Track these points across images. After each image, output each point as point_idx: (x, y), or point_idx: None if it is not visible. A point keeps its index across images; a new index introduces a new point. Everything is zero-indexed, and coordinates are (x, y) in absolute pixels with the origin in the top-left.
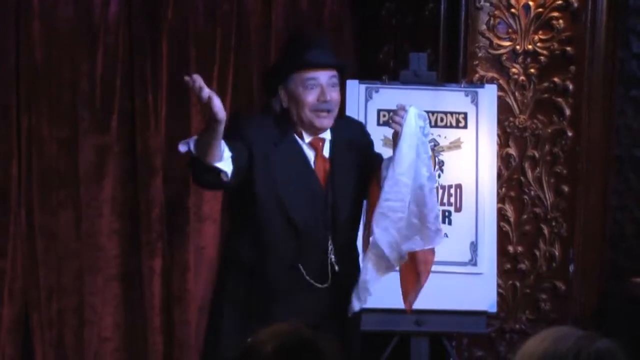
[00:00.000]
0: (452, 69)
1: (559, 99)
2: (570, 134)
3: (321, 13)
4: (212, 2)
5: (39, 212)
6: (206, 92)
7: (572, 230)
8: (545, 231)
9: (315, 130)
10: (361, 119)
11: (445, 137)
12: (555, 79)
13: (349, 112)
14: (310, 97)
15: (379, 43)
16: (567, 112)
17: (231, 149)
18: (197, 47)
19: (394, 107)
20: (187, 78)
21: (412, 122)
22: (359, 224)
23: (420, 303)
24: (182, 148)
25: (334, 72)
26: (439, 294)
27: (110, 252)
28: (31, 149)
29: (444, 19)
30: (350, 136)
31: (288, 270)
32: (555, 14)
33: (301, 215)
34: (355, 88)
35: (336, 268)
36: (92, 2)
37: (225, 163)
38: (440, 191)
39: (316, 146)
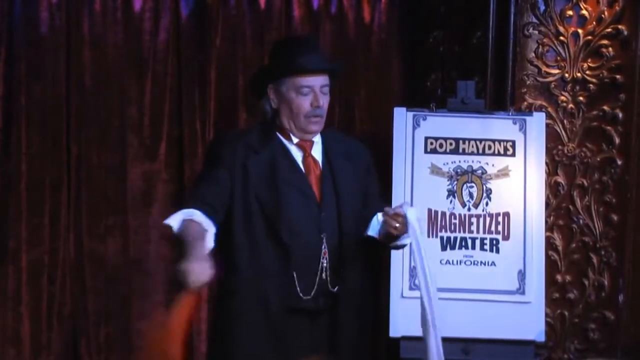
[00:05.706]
0: (500, 97)
1: (609, 127)
2: (619, 162)
3: (368, 41)
4: (260, 29)
5: (87, 238)
6: None
7: (622, 260)
8: (594, 260)
9: (305, 134)
10: (408, 147)
11: (493, 165)
12: (605, 107)
13: (397, 139)
14: (305, 104)
15: (426, 71)
16: (617, 140)
17: (211, 189)
18: (245, 74)
19: (441, 135)
20: None
21: (416, 225)
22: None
23: (467, 332)
24: (170, 223)
25: (325, 78)
26: (487, 322)
27: (158, 277)
28: (80, 175)
29: (492, 46)
30: (349, 150)
31: (279, 279)
32: (605, 41)
33: (292, 214)
34: (402, 116)
35: (328, 277)
36: (141, 30)
37: (210, 237)
38: (488, 219)
39: (304, 147)
